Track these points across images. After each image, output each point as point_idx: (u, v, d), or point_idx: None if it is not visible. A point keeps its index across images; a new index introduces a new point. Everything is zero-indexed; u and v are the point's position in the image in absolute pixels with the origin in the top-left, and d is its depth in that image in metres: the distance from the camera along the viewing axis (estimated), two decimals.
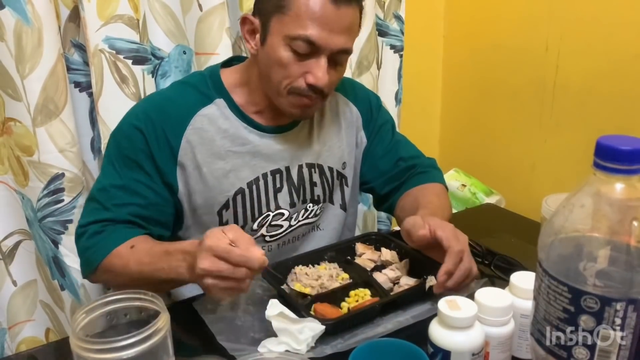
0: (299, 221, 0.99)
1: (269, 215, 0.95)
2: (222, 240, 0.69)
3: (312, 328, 0.69)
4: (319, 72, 0.84)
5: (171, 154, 0.89)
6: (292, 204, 0.97)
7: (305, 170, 0.98)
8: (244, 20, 0.89)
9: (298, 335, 0.69)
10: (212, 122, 0.91)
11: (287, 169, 0.96)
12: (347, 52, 0.87)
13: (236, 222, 0.94)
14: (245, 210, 0.94)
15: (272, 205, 0.95)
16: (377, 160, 1.07)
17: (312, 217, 1.01)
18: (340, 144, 1.03)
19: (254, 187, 0.94)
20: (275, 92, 0.89)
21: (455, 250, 0.77)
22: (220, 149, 0.91)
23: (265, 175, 0.94)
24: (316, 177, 1.00)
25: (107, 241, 0.85)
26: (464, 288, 0.79)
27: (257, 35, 0.88)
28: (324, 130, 1.01)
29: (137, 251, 0.83)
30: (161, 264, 0.79)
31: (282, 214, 0.96)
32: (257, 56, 0.89)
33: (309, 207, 1.00)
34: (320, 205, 1.01)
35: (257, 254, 0.68)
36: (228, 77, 0.94)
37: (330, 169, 1.02)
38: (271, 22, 0.85)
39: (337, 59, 0.87)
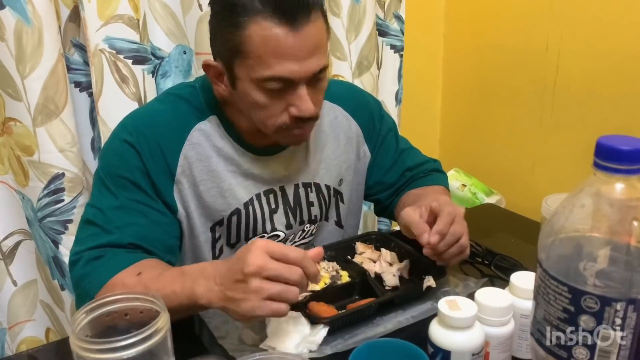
0: (295, 242, 0.97)
1: (263, 236, 0.92)
2: (273, 242, 0.64)
3: (304, 331, 0.69)
4: (301, 103, 0.77)
5: (168, 171, 0.83)
6: (289, 226, 0.94)
7: (301, 190, 0.95)
8: (206, 67, 0.83)
9: (294, 337, 0.69)
10: (208, 139, 0.86)
11: (282, 189, 0.93)
12: (324, 69, 0.79)
13: (229, 239, 0.90)
14: (239, 229, 0.90)
15: (268, 227, 0.92)
16: (383, 173, 1.04)
17: (308, 237, 0.98)
18: (337, 160, 0.99)
19: (250, 207, 0.90)
20: (262, 129, 0.84)
21: (446, 211, 0.77)
22: (217, 166, 0.87)
23: (258, 196, 0.90)
24: (313, 197, 0.96)
25: (106, 267, 0.75)
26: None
27: (225, 78, 0.81)
28: (320, 148, 0.96)
29: (145, 279, 0.72)
30: (173, 287, 0.69)
31: (278, 236, 0.93)
32: (232, 98, 0.83)
33: (307, 227, 0.97)
34: (316, 224, 0.99)
35: (311, 255, 0.65)
36: (220, 91, 0.86)
37: (327, 187, 0.98)
38: (234, 67, 0.78)
39: (316, 78, 0.79)
